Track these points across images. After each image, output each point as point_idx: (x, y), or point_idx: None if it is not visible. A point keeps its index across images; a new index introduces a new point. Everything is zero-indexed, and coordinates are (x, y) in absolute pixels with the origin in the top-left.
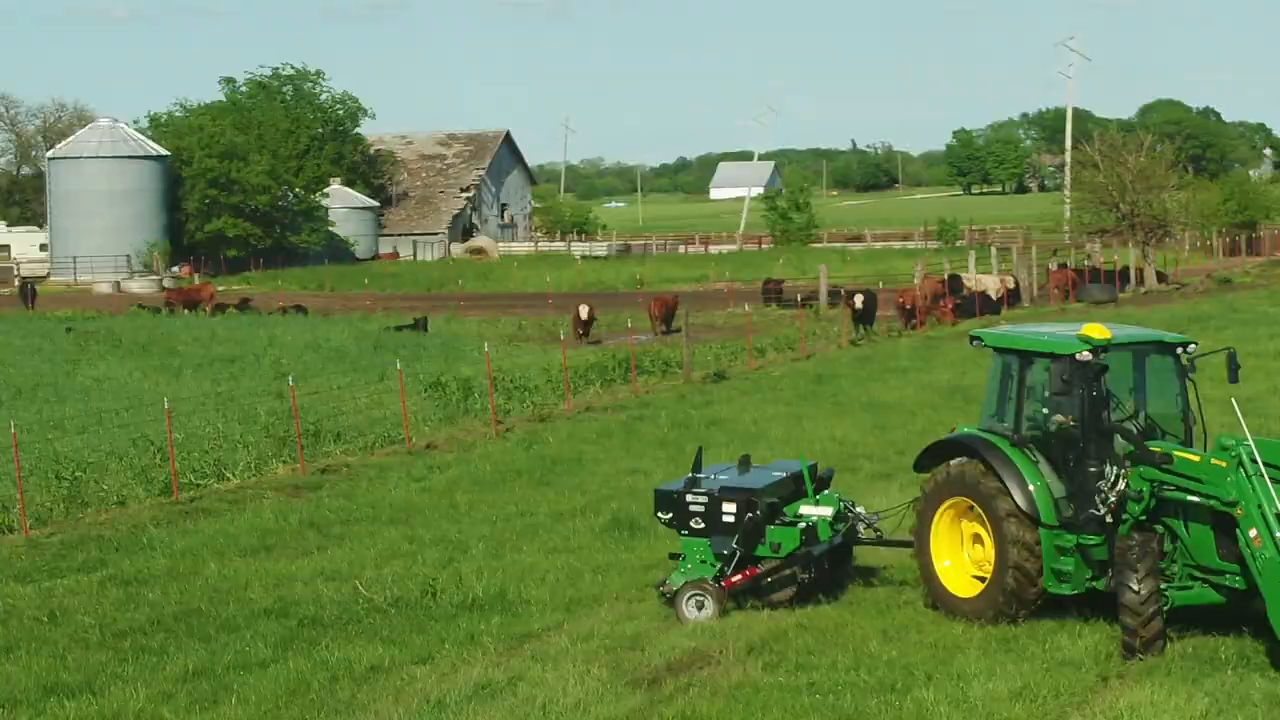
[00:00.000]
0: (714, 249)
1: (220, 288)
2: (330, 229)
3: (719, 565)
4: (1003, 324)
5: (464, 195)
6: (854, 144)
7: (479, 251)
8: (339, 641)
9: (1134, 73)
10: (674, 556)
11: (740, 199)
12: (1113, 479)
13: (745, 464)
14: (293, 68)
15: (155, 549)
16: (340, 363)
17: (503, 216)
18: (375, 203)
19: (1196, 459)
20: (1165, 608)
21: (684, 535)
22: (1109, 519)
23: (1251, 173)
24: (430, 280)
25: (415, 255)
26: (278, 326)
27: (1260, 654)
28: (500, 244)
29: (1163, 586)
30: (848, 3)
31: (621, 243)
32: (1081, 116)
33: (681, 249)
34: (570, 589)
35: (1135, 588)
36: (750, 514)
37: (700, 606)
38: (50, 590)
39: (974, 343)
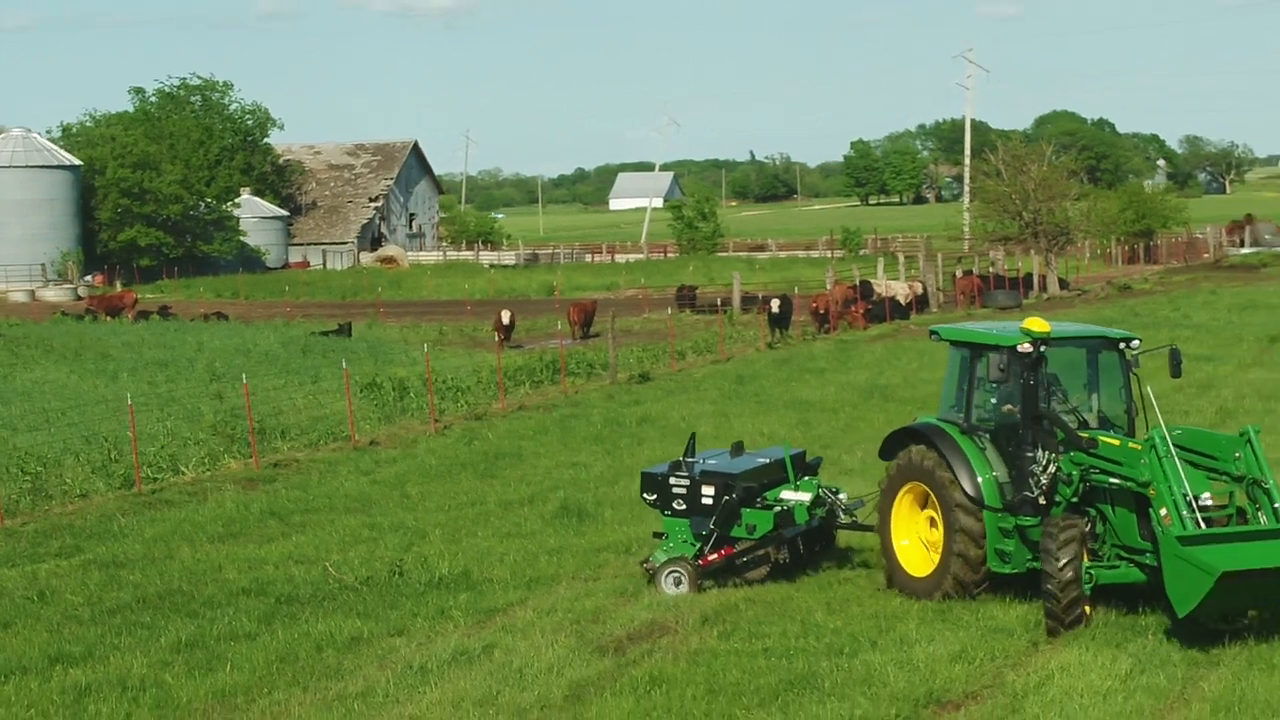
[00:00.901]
0: (620, 258)
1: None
2: (241, 238)
3: (698, 545)
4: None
5: (372, 205)
6: (752, 155)
7: (389, 260)
8: (317, 616)
9: (1029, 85)
10: (658, 535)
11: (640, 209)
12: (1044, 464)
13: (739, 449)
14: (200, 78)
15: (127, 536)
16: (272, 366)
17: (411, 226)
18: (285, 212)
19: (1117, 443)
20: (1090, 586)
21: (667, 515)
22: (1042, 501)
23: (1146, 183)
24: (344, 288)
25: (325, 264)
26: (203, 332)
27: (1179, 622)
28: (409, 253)
29: (1091, 566)
30: (746, 15)
31: (530, 251)
32: (978, 128)
33: (589, 258)
34: (529, 569)
35: (1058, 568)
36: (727, 497)
37: (678, 582)
38: (34, 573)
39: (933, 336)
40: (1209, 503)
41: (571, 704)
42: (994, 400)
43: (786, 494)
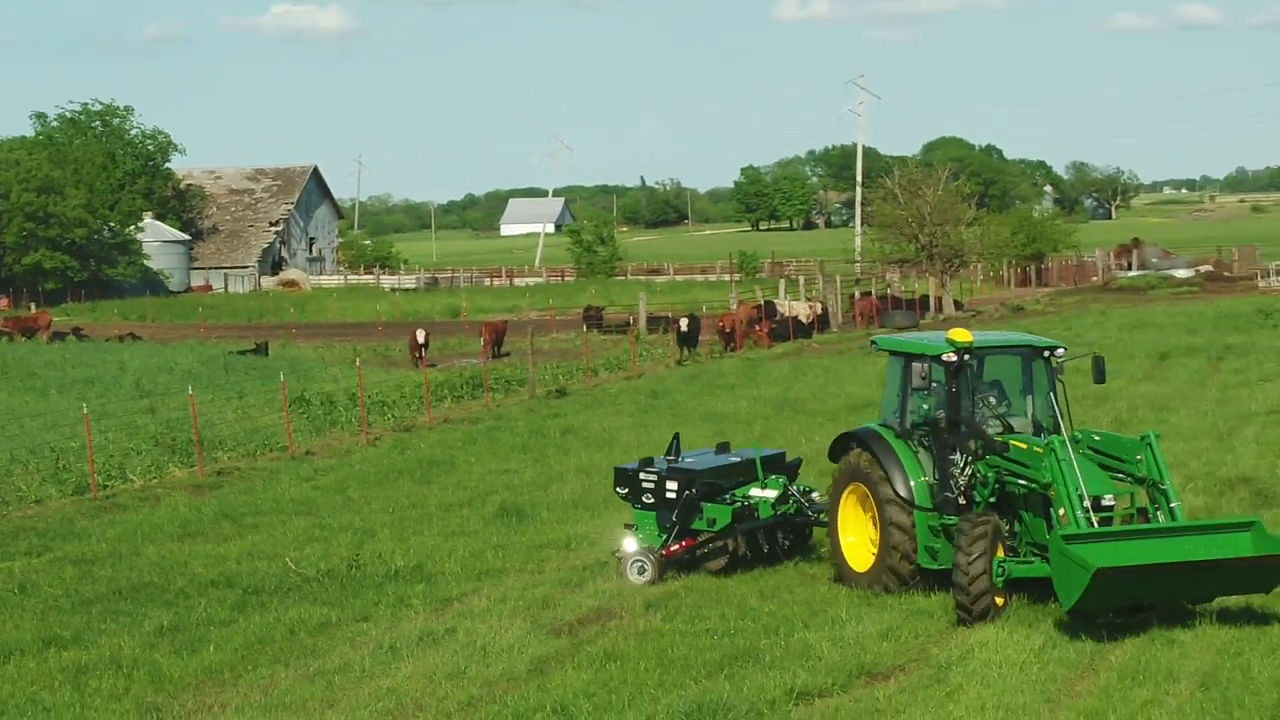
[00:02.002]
0: (519, 281)
1: None
2: (145, 262)
3: (664, 536)
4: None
5: (273, 229)
6: (643, 181)
7: (292, 284)
8: (285, 605)
9: (918, 111)
10: (628, 527)
11: (531, 234)
12: (962, 466)
13: (724, 448)
14: (102, 103)
15: (91, 536)
16: (197, 383)
17: (311, 250)
18: (186, 237)
19: (1025, 447)
20: (1003, 579)
21: (637, 509)
22: (962, 501)
23: (1035, 209)
24: (249, 310)
25: (227, 288)
26: (121, 352)
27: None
28: (310, 277)
29: (1005, 560)
30: (635, 40)
31: (429, 275)
32: (868, 154)
33: (488, 281)
34: (477, 563)
35: (968, 562)
36: (688, 491)
37: (641, 571)
38: (9, 570)
39: (872, 346)
40: (1111, 503)
41: (535, 676)
42: (925, 406)
43: (754, 491)
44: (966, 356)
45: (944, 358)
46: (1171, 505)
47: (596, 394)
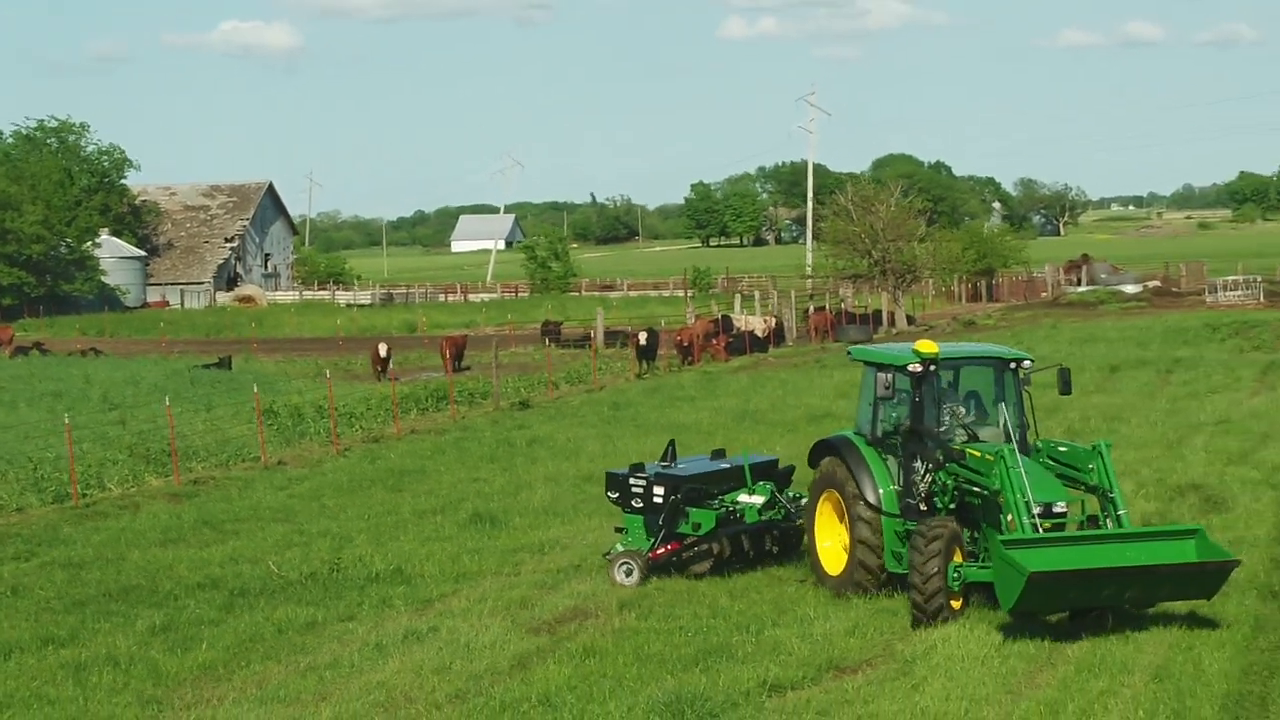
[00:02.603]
0: (474, 297)
1: None
2: (102, 278)
3: (651, 540)
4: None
5: (228, 245)
6: (593, 197)
7: (248, 299)
8: (271, 605)
9: (867, 128)
10: (619, 530)
11: (482, 251)
12: (922, 473)
13: (719, 455)
14: (58, 120)
15: (76, 542)
16: (163, 395)
17: (266, 266)
18: (142, 253)
19: (979, 455)
20: (959, 583)
21: (627, 513)
22: (923, 508)
23: (984, 225)
24: (207, 326)
25: (183, 304)
26: (86, 367)
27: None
28: (266, 292)
29: (962, 565)
30: (585, 56)
31: (385, 291)
32: (818, 170)
33: (443, 297)
34: (454, 566)
35: (922, 564)
36: (673, 496)
37: (629, 573)
38: None
39: (849, 356)
40: (1064, 510)
41: (518, 671)
42: (895, 415)
43: (743, 497)
44: (932, 367)
45: (909, 368)
46: (1119, 513)
47: (559, 406)
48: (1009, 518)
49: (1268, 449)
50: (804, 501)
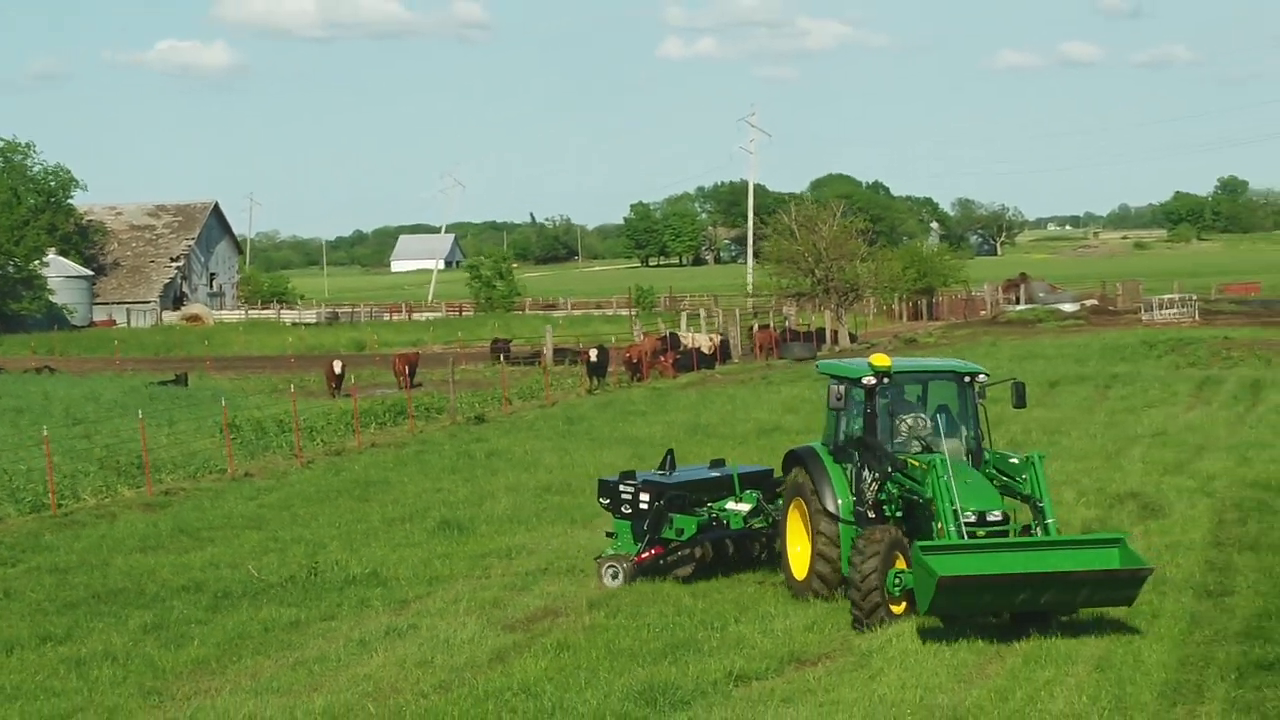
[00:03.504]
0: (419, 316)
1: None
2: (49, 297)
3: (638, 544)
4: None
5: (174, 265)
6: (532, 217)
7: (195, 318)
8: (255, 607)
9: (805, 148)
10: (610, 535)
11: (422, 270)
12: (869, 483)
13: (718, 464)
14: (3, 140)
15: (59, 549)
16: (124, 411)
17: (212, 285)
18: (89, 272)
19: (918, 465)
20: (900, 589)
21: (617, 518)
22: (871, 515)
23: (922, 245)
24: (156, 345)
25: (130, 323)
26: (44, 384)
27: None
28: (212, 311)
29: (904, 571)
30: (524, 78)
31: (330, 310)
32: (757, 190)
33: (388, 316)
34: (427, 570)
35: (861, 568)
36: (657, 503)
37: (615, 576)
38: None
39: (817, 369)
40: (998, 518)
41: (496, 664)
42: (856, 426)
43: (730, 504)
44: (886, 380)
45: (863, 381)
46: (1047, 521)
47: (514, 420)
48: (939, 525)
49: (1202, 460)
50: None
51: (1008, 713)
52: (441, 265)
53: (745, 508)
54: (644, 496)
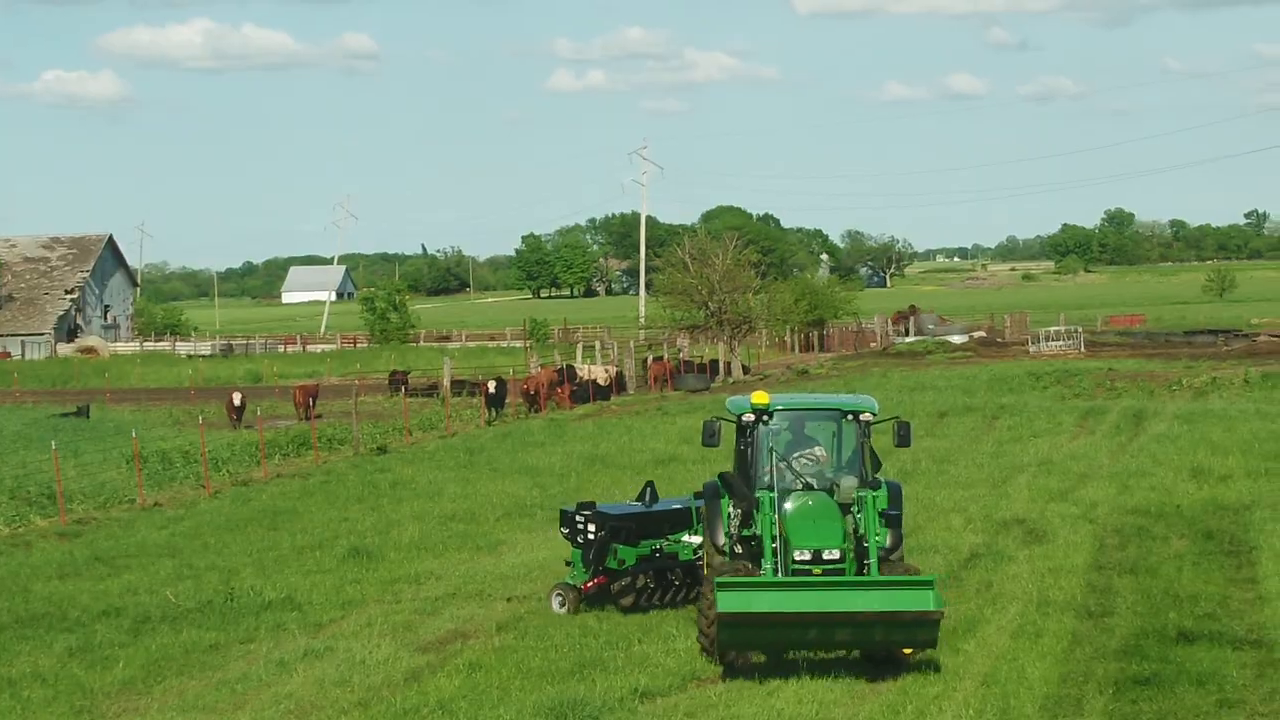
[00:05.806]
0: (313, 348)
1: None
2: None
3: (587, 573)
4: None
5: (68, 296)
6: (424, 248)
7: (90, 350)
8: (175, 630)
9: (696, 180)
10: (568, 564)
11: (314, 302)
12: (729, 516)
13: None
14: None
15: None
16: (27, 443)
17: (106, 317)
18: None
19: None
20: None
21: (575, 547)
22: (738, 549)
23: (812, 277)
24: (52, 377)
25: (24, 354)
26: None
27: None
28: (107, 343)
29: None
30: (413, 109)
31: (224, 342)
32: (649, 222)
33: (282, 348)
34: (339, 595)
35: (705, 603)
36: (600, 533)
37: (561, 604)
38: None
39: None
40: (834, 556)
41: (412, 683)
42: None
43: (686, 537)
44: (766, 417)
45: (743, 418)
46: (867, 562)
47: (416, 451)
48: (765, 563)
49: (1086, 487)
50: None
51: None
52: (333, 297)
53: (697, 540)
54: (591, 528)
